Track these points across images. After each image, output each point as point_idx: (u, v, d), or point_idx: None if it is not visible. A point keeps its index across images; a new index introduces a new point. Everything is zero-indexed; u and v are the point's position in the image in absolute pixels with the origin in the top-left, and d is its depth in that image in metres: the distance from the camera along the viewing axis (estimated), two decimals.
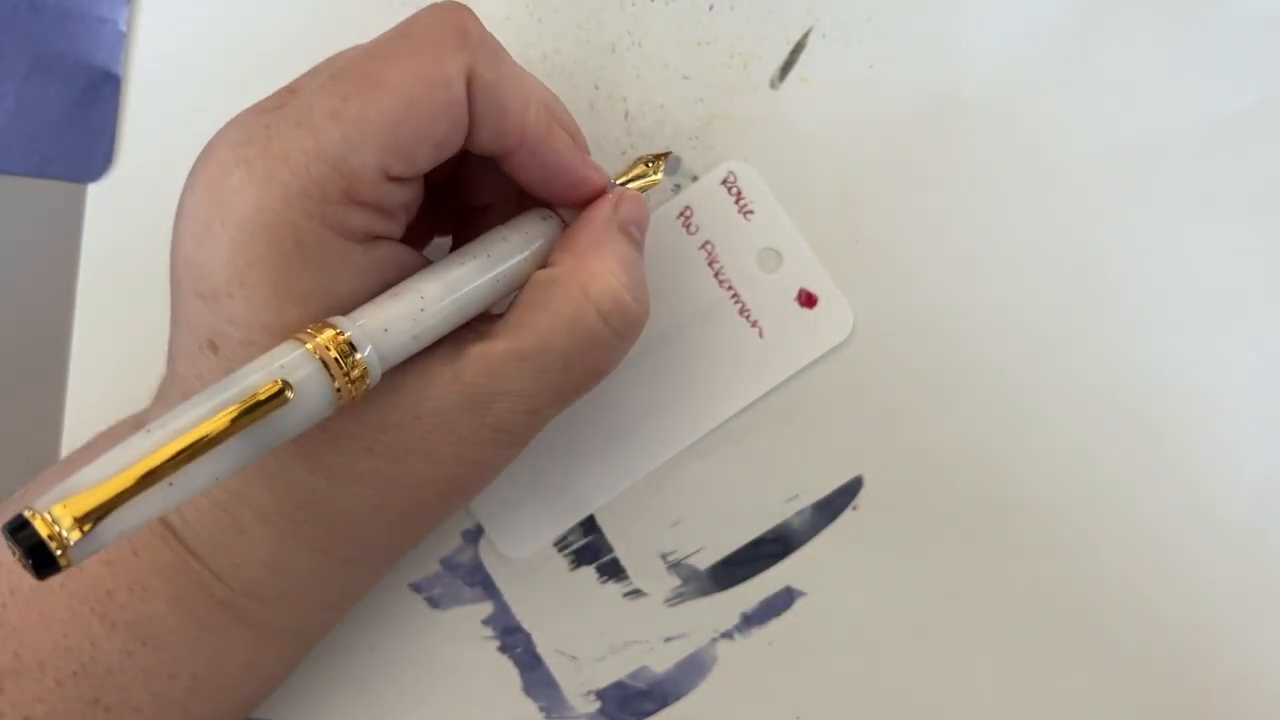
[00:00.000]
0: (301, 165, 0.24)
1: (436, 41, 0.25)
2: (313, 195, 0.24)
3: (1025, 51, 0.34)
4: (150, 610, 0.27)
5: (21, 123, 0.34)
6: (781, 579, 0.34)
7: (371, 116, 0.24)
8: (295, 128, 0.24)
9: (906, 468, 0.34)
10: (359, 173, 0.24)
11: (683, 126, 0.34)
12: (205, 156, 0.26)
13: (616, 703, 0.34)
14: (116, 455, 0.21)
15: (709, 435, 0.34)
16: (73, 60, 0.34)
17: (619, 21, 0.34)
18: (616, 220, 0.28)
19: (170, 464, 0.21)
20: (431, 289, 0.25)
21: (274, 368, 0.23)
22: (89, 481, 0.21)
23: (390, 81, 0.24)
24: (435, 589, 0.34)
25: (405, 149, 0.25)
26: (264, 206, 0.24)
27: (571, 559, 0.34)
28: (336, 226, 0.24)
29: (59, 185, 0.34)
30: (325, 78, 0.25)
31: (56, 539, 0.20)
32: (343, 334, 0.24)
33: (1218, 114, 0.34)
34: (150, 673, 0.27)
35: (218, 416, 0.22)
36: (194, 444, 0.22)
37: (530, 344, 0.26)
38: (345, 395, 0.24)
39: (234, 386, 0.23)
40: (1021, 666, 0.34)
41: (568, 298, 0.26)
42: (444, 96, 0.25)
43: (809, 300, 0.34)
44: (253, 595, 0.28)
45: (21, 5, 0.34)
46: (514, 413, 0.26)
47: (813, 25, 0.34)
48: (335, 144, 0.24)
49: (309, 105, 0.24)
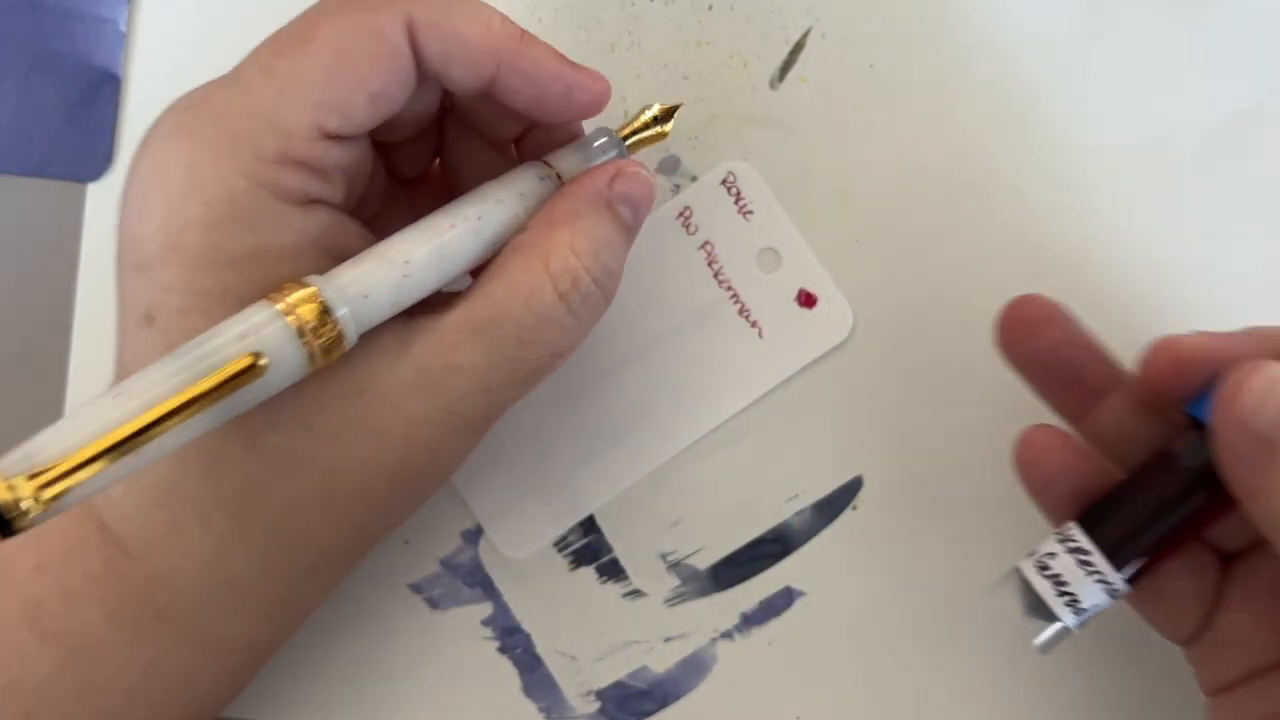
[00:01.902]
0: (234, 123, 0.23)
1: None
2: (244, 153, 0.23)
3: (1025, 51, 0.34)
4: (81, 620, 0.26)
5: (21, 123, 0.34)
6: (781, 579, 0.34)
7: (303, 70, 0.24)
8: (228, 88, 0.24)
9: (906, 468, 0.34)
10: (292, 129, 0.24)
11: (682, 126, 0.34)
12: (149, 130, 0.25)
13: (616, 703, 0.34)
14: (82, 423, 0.20)
15: (709, 435, 0.34)
16: (73, 60, 0.34)
17: (618, 22, 0.34)
18: (608, 194, 0.26)
19: (139, 437, 0.21)
20: (419, 253, 0.24)
21: (243, 329, 0.22)
22: (55, 451, 0.20)
23: (321, 36, 0.24)
24: (435, 589, 0.34)
25: (339, 103, 0.24)
26: (195, 166, 0.23)
27: (571, 559, 0.34)
28: (271, 186, 0.24)
29: (59, 185, 0.34)
30: (265, 40, 0.25)
31: (12, 507, 0.19)
32: (319, 295, 0.22)
33: (1218, 114, 0.34)
34: (85, 686, 0.26)
35: (191, 388, 0.21)
36: (165, 415, 0.21)
37: (483, 315, 0.25)
38: (317, 362, 0.23)
39: (205, 352, 0.21)
40: (1021, 666, 0.34)
41: (527, 268, 0.25)
42: (378, 46, 0.24)
43: (808, 300, 0.34)
44: (192, 602, 0.26)
45: (21, 5, 0.34)
46: (467, 392, 0.25)
47: (812, 25, 0.34)
48: (267, 100, 0.23)
49: (243, 66, 0.24)
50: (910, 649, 0.34)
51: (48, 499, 0.20)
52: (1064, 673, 0.33)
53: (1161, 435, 0.26)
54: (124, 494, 0.26)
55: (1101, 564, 0.25)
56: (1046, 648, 0.26)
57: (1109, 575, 0.25)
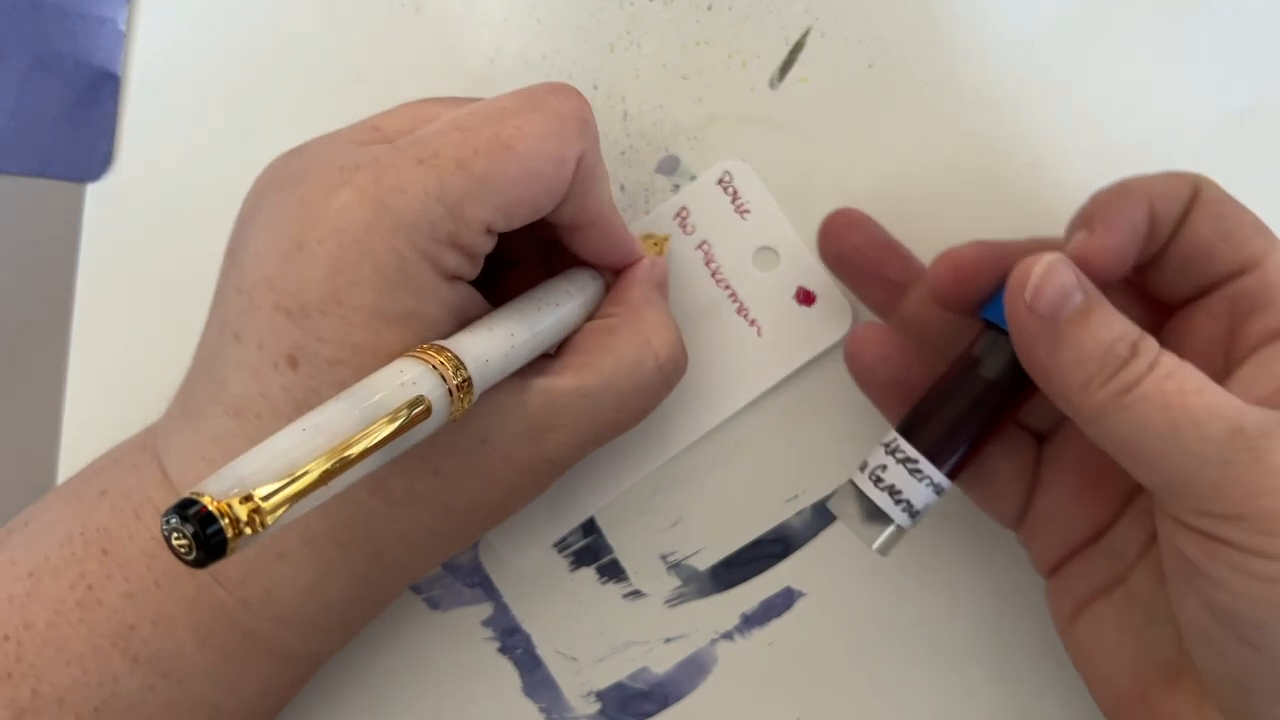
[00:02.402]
0: (418, 200, 0.25)
1: (563, 125, 0.27)
2: (423, 230, 0.25)
3: (1025, 51, 0.34)
4: (173, 645, 0.27)
5: (21, 123, 0.34)
6: (781, 579, 0.34)
7: (496, 177, 0.26)
8: (417, 165, 0.25)
9: None
10: (468, 221, 0.26)
11: (681, 126, 0.34)
12: (294, 175, 0.26)
13: (617, 704, 0.34)
14: (284, 453, 0.21)
15: (708, 435, 0.34)
16: (73, 60, 0.34)
17: (618, 21, 0.34)
18: (654, 281, 0.31)
19: (337, 467, 0.22)
20: (519, 329, 0.27)
21: (407, 382, 0.23)
22: (263, 478, 0.21)
23: (520, 151, 0.26)
24: (435, 590, 0.34)
25: (512, 210, 0.26)
26: (373, 229, 0.25)
27: (571, 560, 0.34)
28: (434, 262, 0.26)
29: (59, 185, 0.34)
30: (448, 126, 0.26)
31: (232, 523, 0.20)
32: (458, 358, 0.25)
33: (1218, 114, 0.34)
34: (173, 706, 0.27)
35: (377, 424, 0.22)
36: (362, 451, 0.22)
37: (593, 383, 0.28)
38: (454, 415, 0.25)
39: (376, 396, 0.23)
40: (1021, 666, 0.33)
41: (630, 345, 0.29)
42: (559, 174, 0.27)
43: (807, 298, 0.34)
44: (280, 623, 0.28)
45: (21, 5, 0.34)
46: (564, 445, 0.28)
47: (811, 25, 0.34)
48: (456, 191, 0.25)
49: (433, 149, 0.26)
50: (910, 649, 0.34)
51: (262, 523, 0.20)
52: (1063, 672, 0.33)
53: (958, 322, 0.30)
54: None
55: (926, 468, 0.28)
56: (885, 548, 0.29)
57: (934, 476, 0.28)
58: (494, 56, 0.34)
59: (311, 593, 0.28)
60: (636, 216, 0.34)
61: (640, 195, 0.34)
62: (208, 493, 0.20)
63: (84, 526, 0.27)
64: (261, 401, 0.26)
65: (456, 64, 0.34)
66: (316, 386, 0.25)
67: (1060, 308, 0.25)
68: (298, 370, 0.25)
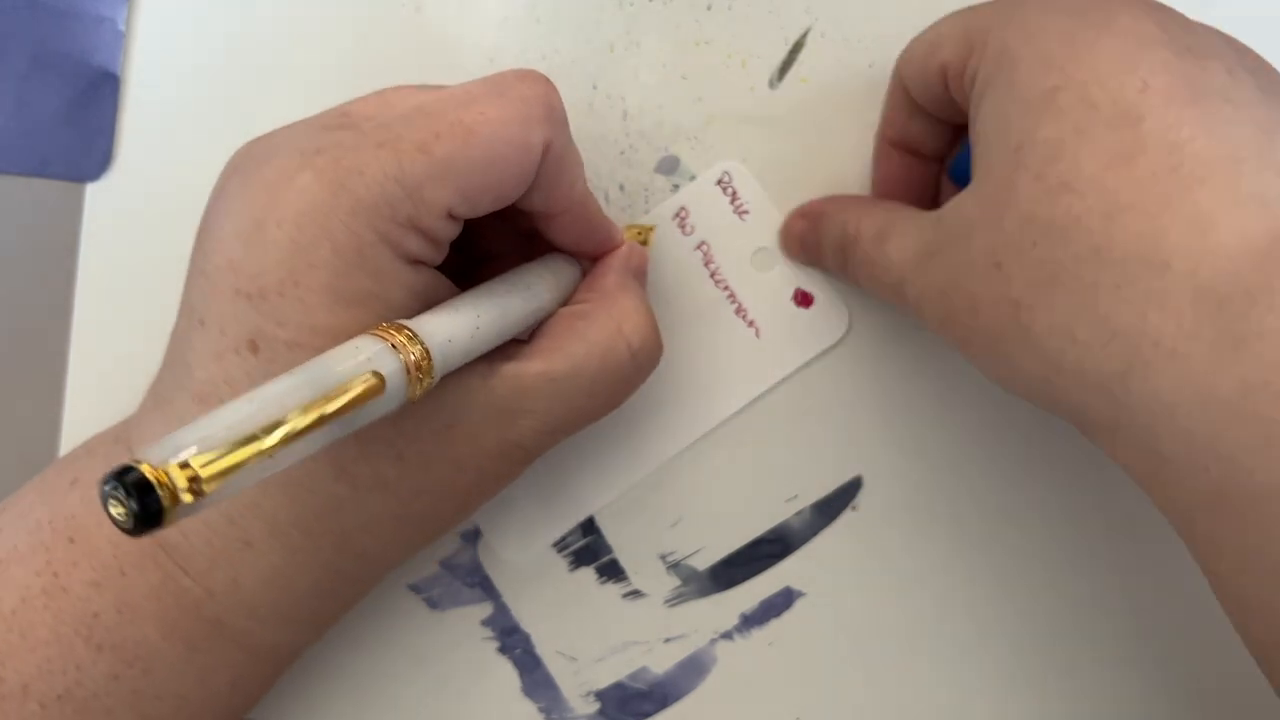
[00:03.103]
0: (377, 183, 0.25)
1: (527, 110, 0.27)
2: (382, 212, 0.25)
3: None
4: (138, 633, 0.27)
5: (21, 123, 0.34)
6: (781, 579, 0.34)
7: (457, 160, 0.26)
8: (377, 148, 0.25)
9: (906, 467, 0.34)
10: (429, 204, 0.26)
11: (681, 126, 0.34)
12: (257, 159, 0.26)
13: (616, 703, 0.34)
14: (225, 424, 0.21)
15: (707, 435, 0.34)
16: (72, 60, 0.34)
17: (617, 21, 0.34)
18: (631, 268, 0.31)
19: (280, 444, 0.21)
20: (486, 310, 0.27)
21: (362, 359, 0.23)
22: (203, 447, 0.20)
23: (482, 135, 0.26)
24: (434, 590, 0.34)
25: (474, 195, 0.26)
26: (331, 211, 0.25)
27: (571, 560, 0.34)
28: (394, 245, 0.26)
29: (58, 185, 0.34)
30: (412, 110, 0.26)
31: (169, 491, 0.19)
32: (418, 336, 0.25)
33: None
34: (138, 695, 0.27)
35: (326, 398, 0.22)
36: (309, 424, 0.22)
37: (563, 368, 0.28)
38: (413, 395, 0.24)
39: (328, 372, 0.22)
40: (1021, 666, 0.33)
41: (602, 330, 0.29)
42: (524, 160, 0.27)
43: (805, 300, 0.34)
44: (248, 613, 0.28)
45: (20, 5, 0.34)
46: (534, 431, 0.28)
47: (811, 25, 0.34)
48: (417, 174, 0.25)
49: (395, 133, 0.26)
50: (909, 649, 0.34)
51: (200, 492, 0.20)
52: (1063, 672, 0.33)
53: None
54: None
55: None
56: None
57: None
58: (494, 56, 0.34)
59: (279, 582, 0.27)
60: (636, 216, 0.34)
61: (640, 195, 0.34)
62: (147, 460, 0.19)
63: (53, 514, 0.27)
64: (225, 387, 0.26)
65: (456, 64, 0.34)
66: (277, 371, 0.24)
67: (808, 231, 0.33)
68: (258, 354, 0.25)
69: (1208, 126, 0.24)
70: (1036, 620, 0.33)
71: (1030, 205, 0.25)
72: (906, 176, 0.33)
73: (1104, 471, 0.33)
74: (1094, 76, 0.25)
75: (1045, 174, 0.25)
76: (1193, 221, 0.23)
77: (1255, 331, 0.22)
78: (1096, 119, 0.24)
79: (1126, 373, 0.23)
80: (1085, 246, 0.24)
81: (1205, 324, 0.22)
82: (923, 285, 0.28)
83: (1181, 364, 0.23)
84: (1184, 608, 0.33)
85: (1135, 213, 0.23)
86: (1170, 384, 0.23)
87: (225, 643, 0.28)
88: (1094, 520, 0.33)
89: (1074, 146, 0.24)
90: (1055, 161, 0.24)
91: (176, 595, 0.27)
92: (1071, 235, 0.24)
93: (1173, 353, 0.23)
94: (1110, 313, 0.24)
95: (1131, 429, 0.24)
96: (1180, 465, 0.23)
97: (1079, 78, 0.25)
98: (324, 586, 0.28)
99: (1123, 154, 0.24)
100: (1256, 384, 0.22)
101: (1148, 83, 0.24)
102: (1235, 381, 0.22)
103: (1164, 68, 0.24)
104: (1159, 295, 0.23)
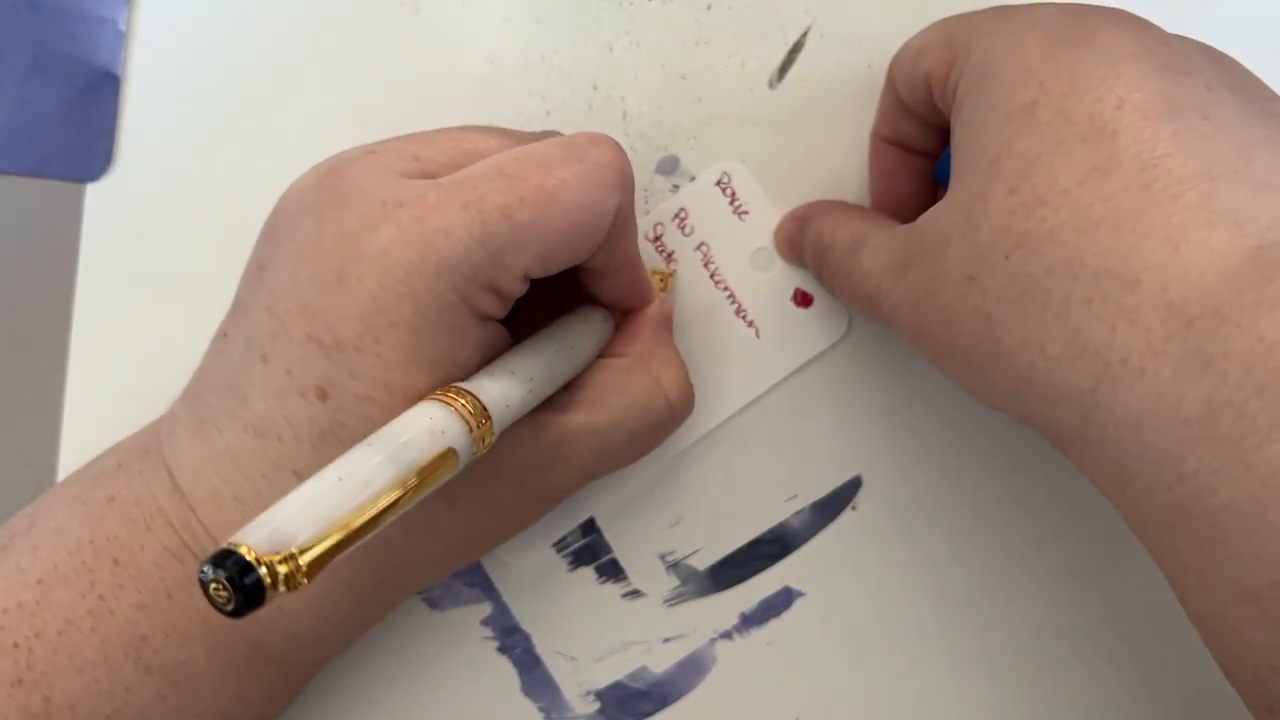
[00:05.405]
0: (462, 245, 0.25)
1: (604, 177, 0.27)
2: (464, 274, 0.25)
3: None
4: (185, 655, 0.27)
5: (21, 123, 0.34)
6: (780, 579, 0.34)
7: (539, 226, 0.26)
8: (462, 209, 0.25)
9: (906, 467, 0.34)
10: (509, 267, 0.26)
11: (681, 126, 0.34)
12: (332, 203, 0.26)
13: (616, 703, 0.34)
14: (320, 508, 0.22)
15: (707, 435, 0.34)
16: (72, 60, 0.34)
17: (617, 21, 0.34)
18: (663, 321, 0.32)
19: (372, 522, 0.22)
20: (537, 372, 0.28)
21: (438, 432, 0.24)
22: (302, 535, 0.21)
23: (563, 203, 0.26)
24: (434, 590, 0.34)
25: (550, 258, 0.27)
26: (417, 271, 0.25)
27: (570, 560, 0.34)
28: (472, 305, 0.26)
29: (58, 185, 0.34)
30: (493, 171, 0.26)
31: (271, 576, 0.20)
32: (482, 404, 0.25)
33: None
34: (181, 712, 0.28)
35: (409, 478, 0.23)
36: (393, 504, 0.23)
37: (604, 420, 0.29)
38: (473, 458, 0.25)
39: (406, 445, 0.23)
40: (1020, 666, 0.34)
41: (643, 384, 0.30)
42: (598, 226, 0.27)
43: (804, 300, 0.34)
44: (289, 638, 0.28)
45: (21, 5, 0.34)
46: (572, 476, 0.29)
47: (811, 25, 0.34)
48: (500, 238, 0.26)
49: (479, 194, 0.26)
50: (909, 649, 0.34)
51: (298, 582, 0.21)
52: (1063, 672, 0.33)
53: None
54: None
55: None
56: None
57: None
58: (494, 57, 0.34)
59: (321, 609, 0.28)
60: (635, 217, 0.34)
61: (639, 195, 0.34)
62: (245, 543, 0.20)
63: (93, 534, 0.27)
64: (285, 426, 0.26)
65: (456, 64, 0.34)
66: (344, 420, 0.25)
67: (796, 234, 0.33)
68: (326, 402, 0.26)
69: (1182, 143, 0.24)
70: (1036, 620, 0.33)
71: (1004, 218, 0.25)
72: (902, 171, 0.33)
73: None
74: (1071, 91, 0.25)
75: (1020, 187, 0.25)
76: (1164, 238, 0.23)
77: (1222, 351, 0.22)
78: (1072, 133, 0.24)
79: (1095, 388, 0.23)
80: (1057, 260, 0.24)
81: (1173, 342, 0.22)
82: (897, 296, 0.28)
83: (1149, 381, 0.23)
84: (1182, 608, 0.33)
85: (1107, 228, 0.23)
86: (1137, 401, 0.23)
87: (263, 661, 0.28)
88: (1093, 520, 0.33)
89: (1049, 160, 0.24)
90: (1030, 175, 0.25)
91: (223, 620, 0.27)
92: (1044, 249, 0.24)
93: (1140, 370, 0.23)
94: (1080, 327, 0.24)
95: (1100, 444, 0.24)
96: (1145, 482, 0.23)
97: (1057, 92, 0.25)
98: (362, 612, 0.29)
99: (1097, 169, 0.24)
100: (1220, 403, 0.22)
101: (1124, 99, 0.24)
102: (1200, 400, 0.22)
103: (1141, 84, 0.24)
104: (1129, 311, 0.23)
